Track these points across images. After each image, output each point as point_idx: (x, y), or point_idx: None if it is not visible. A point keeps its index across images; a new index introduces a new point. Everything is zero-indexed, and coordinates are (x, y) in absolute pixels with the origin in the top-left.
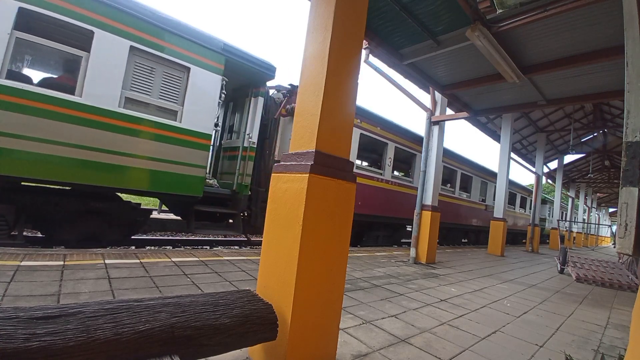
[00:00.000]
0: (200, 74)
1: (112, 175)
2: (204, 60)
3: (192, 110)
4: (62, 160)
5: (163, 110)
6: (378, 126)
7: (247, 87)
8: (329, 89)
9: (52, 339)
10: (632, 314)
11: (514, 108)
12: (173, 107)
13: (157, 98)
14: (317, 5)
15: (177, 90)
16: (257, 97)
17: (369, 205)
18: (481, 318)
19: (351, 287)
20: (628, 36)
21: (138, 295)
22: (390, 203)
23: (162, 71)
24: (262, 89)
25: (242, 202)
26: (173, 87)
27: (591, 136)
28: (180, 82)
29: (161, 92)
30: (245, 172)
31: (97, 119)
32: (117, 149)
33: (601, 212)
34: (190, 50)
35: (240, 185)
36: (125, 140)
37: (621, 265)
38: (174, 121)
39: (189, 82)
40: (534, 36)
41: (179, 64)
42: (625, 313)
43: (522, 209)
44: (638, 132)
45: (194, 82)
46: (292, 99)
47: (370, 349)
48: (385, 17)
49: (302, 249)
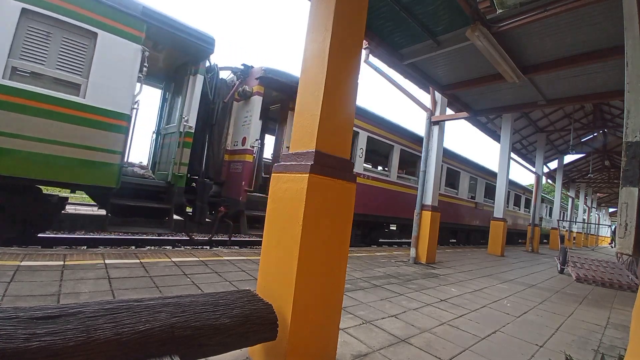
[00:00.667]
0: (111, 41)
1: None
2: (117, 26)
3: (100, 84)
4: None
5: (61, 83)
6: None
7: (188, 66)
8: (329, 89)
9: (52, 339)
10: (632, 314)
11: (514, 108)
12: (74, 79)
13: (53, 68)
14: (317, 5)
15: (81, 60)
16: (195, 75)
17: None
18: (481, 318)
19: (351, 287)
20: (628, 36)
21: (138, 295)
22: (362, 199)
23: (62, 37)
24: (201, 66)
25: (177, 196)
26: (75, 56)
27: (591, 136)
28: (84, 51)
29: (59, 62)
30: (181, 161)
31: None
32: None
33: (601, 212)
34: (97, 12)
35: (175, 176)
36: (9, 118)
37: (621, 265)
38: (75, 96)
39: (96, 51)
40: (534, 36)
41: (82, 29)
42: (625, 313)
43: (516, 207)
44: (638, 132)
45: (103, 50)
46: (247, 81)
47: (370, 349)
48: (385, 17)
49: (302, 249)
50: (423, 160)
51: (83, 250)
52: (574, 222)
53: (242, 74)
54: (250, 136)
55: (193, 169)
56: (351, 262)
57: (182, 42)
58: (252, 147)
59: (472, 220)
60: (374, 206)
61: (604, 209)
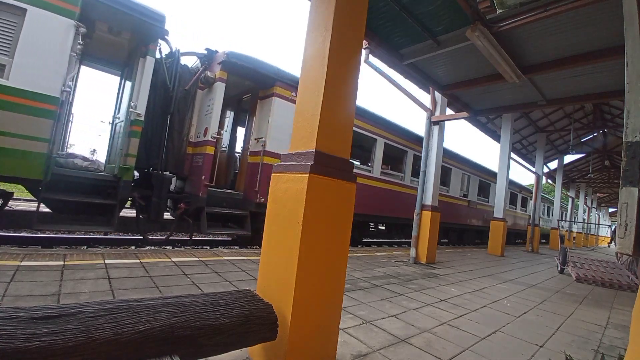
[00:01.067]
0: (41, 17)
1: None
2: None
3: (26, 64)
4: None
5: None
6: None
7: (138, 48)
8: (329, 89)
9: (52, 339)
10: (632, 314)
11: (514, 108)
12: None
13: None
14: (317, 5)
15: (7, 39)
16: (144, 57)
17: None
18: (481, 318)
19: (351, 287)
20: (628, 36)
21: (138, 295)
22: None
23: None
24: (151, 47)
25: (122, 190)
26: (1, 35)
27: (591, 136)
28: (12, 28)
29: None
30: (128, 152)
31: None
32: None
33: (601, 212)
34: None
35: (122, 168)
36: None
37: (621, 265)
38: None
39: (24, 28)
40: (534, 36)
41: (11, 5)
42: (625, 313)
43: (512, 206)
44: (638, 132)
45: (32, 27)
46: (211, 67)
47: (370, 349)
48: (385, 17)
49: (302, 249)
50: (423, 160)
51: (83, 250)
52: (573, 222)
53: (206, 60)
54: (211, 126)
55: (150, 162)
56: (351, 262)
57: (128, 20)
58: (213, 139)
59: (465, 219)
60: (355, 204)
61: (604, 209)
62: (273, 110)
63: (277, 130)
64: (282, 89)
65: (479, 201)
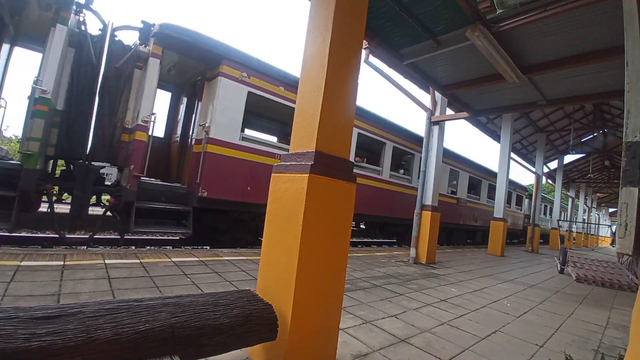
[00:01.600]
0: None
1: None
2: None
3: None
4: None
5: None
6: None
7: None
8: (329, 89)
9: (52, 339)
10: (632, 314)
11: (514, 108)
12: None
13: None
14: (317, 5)
15: None
16: (54, 26)
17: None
18: (481, 318)
19: (351, 287)
20: (628, 36)
21: (138, 295)
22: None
23: None
24: (63, 14)
25: (24, 181)
26: None
27: (591, 136)
28: None
29: None
30: (31, 136)
31: None
32: None
33: (601, 212)
34: None
35: (24, 155)
36: None
37: (621, 265)
38: None
39: None
40: (534, 36)
41: None
42: (625, 313)
43: (506, 205)
44: (638, 132)
45: None
46: (149, 43)
47: (370, 349)
48: (385, 17)
49: (302, 249)
50: (423, 160)
51: (83, 250)
52: (573, 222)
53: (142, 34)
54: (142, 108)
55: (74, 151)
56: (351, 262)
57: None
58: (144, 123)
59: (453, 218)
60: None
61: (604, 209)
62: (219, 92)
63: (223, 115)
64: (230, 68)
65: (469, 199)
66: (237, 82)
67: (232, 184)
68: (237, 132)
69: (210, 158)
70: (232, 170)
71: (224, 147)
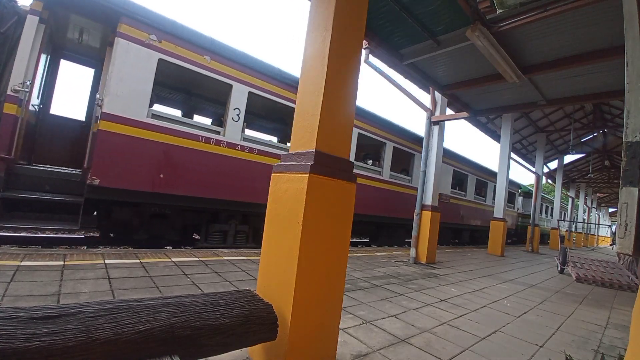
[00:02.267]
0: None
1: None
2: None
3: None
4: None
5: None
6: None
7: None
8: (329, 89)
9: (52, 339)
10: (632, 314)
11: (514, 108)
12: None
13: None
14: (317, 5)
15: None
16: None
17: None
18: (481, 318)
19: (351, 287)
20: (628, 36)
21: (138, 295)
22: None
23: None
24: None
25: None
26: None
27: (591, 136)
28: None
29: None
30: None
31: None
32: None
33: (601, 212)
34: None
35: None
36: None
37: (621, 265)
38: None
39: None
40: (534, 36)
41: None
42: (625, 313)
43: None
44: (638, 132)
45: None
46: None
47: (370, 349)
48: (385, 17)
49: (302, 249)
50: (423, 160)
51: (83, 250)
52: (573, 222)
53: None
54: (12, 75)
55: None
56: (351, 262)
57: None
58: (14, 93)
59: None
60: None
61: (604, 209)
62: (115, 56)
63: (122, 85)
64: (132, 28)
65: (453, 195)
66: (142, 46)
67: (139, 170)
68: (144, 108)
69: (103, 138)
70: (137, 154)
71: (124, 125)
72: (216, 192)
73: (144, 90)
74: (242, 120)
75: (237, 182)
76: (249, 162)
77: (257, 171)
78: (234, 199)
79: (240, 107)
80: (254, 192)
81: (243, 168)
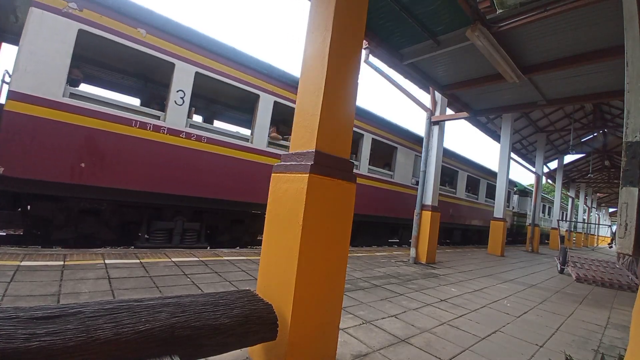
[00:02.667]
0: None
1: None
2: None
3: None
4: None
5: None
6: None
7: None
8: (329, 89)
9: (52, 339)
10: (632, 314)
11: (514, 108)
12: None
13: None
14: (317, 5)
15: None
16: None
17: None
18: (481, 318)
19: (351, 287)
20: (628, 36)
21: (138, 295)
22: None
23: None
24: None
25: None
26: None
27: (591, 136)
28: None
29: None
30: None
31: None
32: None
33: (601, 212)
34: None
35: None
36: None
37: (621, 265)
38: None
39: None
40: (534, 36)
41: None
42: (625, 313)
43: (489, 200)
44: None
45: None
46: None
47: (370, 349)
48: (385, 17)
49: (302, 249)
50: (423, 160)
51: (83, 250)
52: (572, 223)
53: None
54: None
55: None
56: (351, 262)
57: None
58: None
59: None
60: (245, 192)
61: (604, 209)
62: (27, 27)
63: (33, 60)
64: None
65: (442, 192)
66: (59, 15)
67: (54, 158)
68: (60, 86)
69: (9, 120)
70: (51, 140)
71: (34, 105)
72: (157, 185)
73: (60, 66)
74: (187, 105)
75: (183, 174)
76: (198, 152)
77: (209, 162)
78: (180, 193)
79: (185, 89)
80: (206, 185)
81: (191, 158)
